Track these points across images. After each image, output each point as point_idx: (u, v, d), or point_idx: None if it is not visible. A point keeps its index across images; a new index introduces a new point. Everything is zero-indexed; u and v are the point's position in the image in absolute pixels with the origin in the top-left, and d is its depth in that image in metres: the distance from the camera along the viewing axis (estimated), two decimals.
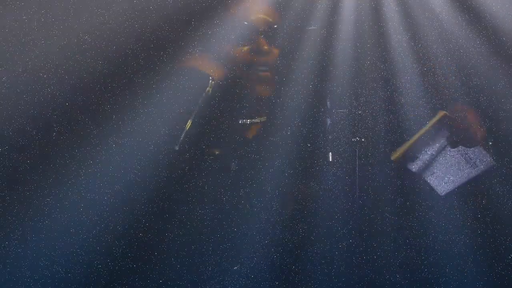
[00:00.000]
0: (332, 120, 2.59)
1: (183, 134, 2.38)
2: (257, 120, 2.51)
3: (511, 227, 2.57)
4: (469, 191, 2.59)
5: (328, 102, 2.59)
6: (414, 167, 2.60)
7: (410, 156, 2.58)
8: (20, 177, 2.28)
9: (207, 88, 2.37)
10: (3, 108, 2.24)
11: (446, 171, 2.59)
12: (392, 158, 2.56)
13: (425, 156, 2.58)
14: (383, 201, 2.60)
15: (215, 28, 2.41)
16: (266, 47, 2.46)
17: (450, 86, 2.57)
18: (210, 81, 2.37)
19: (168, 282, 2.44)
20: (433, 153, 2.58)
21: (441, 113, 2.54)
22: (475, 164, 2.55)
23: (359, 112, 2.59)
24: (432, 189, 2.60)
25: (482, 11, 2.52)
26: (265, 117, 2.52)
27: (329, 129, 2.59)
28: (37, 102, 2.27)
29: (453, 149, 2.57)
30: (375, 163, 2.59)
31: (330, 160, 2.58)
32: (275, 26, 2.48)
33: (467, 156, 2.55)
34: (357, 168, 2.58)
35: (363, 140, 2.58)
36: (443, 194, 2.60)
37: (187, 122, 2.37)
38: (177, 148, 2.38)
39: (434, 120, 2.54)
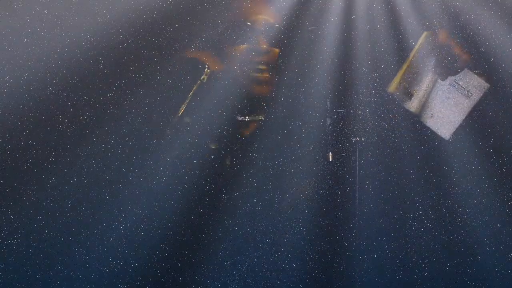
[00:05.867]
0: (332, 120, 2.60)
1: (176, 120, 2.39)
2: (254, 118, 2.52)
3: (510, 226, 2.58)
4: (469, 190, 2.59)
5: (328, 102, 2.60)
6: (411, 106, 2.55)
7: (405, 92, 2.53)
8: (21, 176, 2.30)
9: (202, 76, 2.39)
10: (5, 107, 2.25)
11: (443, 110, 2.52)
12: (389, 90, 2.54)
13: (419, 92, 2.52)
14: (383, 201, 2.60)
15: (217, 26, 2.43)
16: (265, 46, 2.48)
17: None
18: (206, 69, 2.39)
19: (169, 281, 2.45)
20: (426, 89, 2.52)
21: (424, 34, 2.52)
22: (470, 93, 2.47)
23: (359, 112, 2.60)
24: (435, 135, 2.54)
25: None
26: (262, 116, 2.53)
27: (329, 129, 2.60)
28: (39, 102, 2.29)
29: (444, 83, 2.51)
30: (375, 163, 2.60)
31: (330, 160, 2.58)
32: (276, 25, 2.49)
33: (459, 86, 2.48)
34: (357, 168, 2.59)
35: (363, 140, 2.59)
36: (447, 137, 2.53)
37: (180, 108, 2.39)
38: (169, 132, 2.40)
39: (420, 42, 2.52)
